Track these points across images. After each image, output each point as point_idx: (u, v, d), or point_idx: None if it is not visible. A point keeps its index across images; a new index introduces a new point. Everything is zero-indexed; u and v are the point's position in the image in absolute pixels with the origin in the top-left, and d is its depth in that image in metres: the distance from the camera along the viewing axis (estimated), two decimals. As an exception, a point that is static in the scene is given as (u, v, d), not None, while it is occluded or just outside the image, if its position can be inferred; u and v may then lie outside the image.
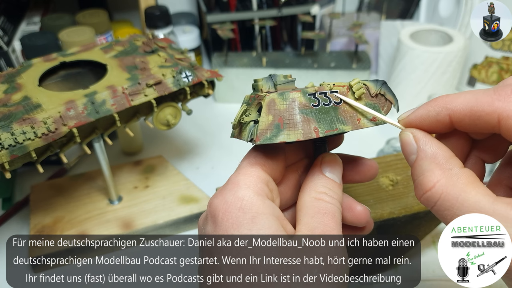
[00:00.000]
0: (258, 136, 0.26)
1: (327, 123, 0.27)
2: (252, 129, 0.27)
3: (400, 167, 0.52)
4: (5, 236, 0.60)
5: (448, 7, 0.86)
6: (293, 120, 0.26)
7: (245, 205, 0.26)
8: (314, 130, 0.26)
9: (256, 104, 0.28)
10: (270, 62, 0.80)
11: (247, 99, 0.29)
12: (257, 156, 0.28)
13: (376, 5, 0.98)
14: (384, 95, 0.29)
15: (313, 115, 0.27)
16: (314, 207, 0.27)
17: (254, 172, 0.27)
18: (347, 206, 0.30)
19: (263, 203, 0.26)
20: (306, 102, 0.27)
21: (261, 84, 0.29)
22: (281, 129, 0.26)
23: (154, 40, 0.58)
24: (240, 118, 0.28)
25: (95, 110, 0.47)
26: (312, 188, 0.28)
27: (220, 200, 0.26)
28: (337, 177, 0.29)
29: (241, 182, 0.27)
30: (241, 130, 0.29)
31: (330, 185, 0.29)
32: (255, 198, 0.26)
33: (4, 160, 0.43)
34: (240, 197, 0.26)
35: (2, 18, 0.72)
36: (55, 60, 0.54)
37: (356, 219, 0.30)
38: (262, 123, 0.27)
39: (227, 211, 0.26)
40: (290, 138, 0.26)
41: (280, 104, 0.27)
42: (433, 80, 0.73)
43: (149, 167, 0.67)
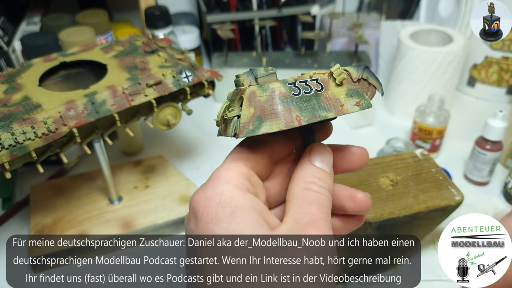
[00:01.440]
0: (241, 129, 0.26)
1: (309, 111, 0.26)
2: (236, 123, 0.27)
3: (400, 167, 0.52)
4: (5, 236, 0.60)
5: (448, 7, 0.86)
6: (275, 110, 0.26)
7: (224, 200, 0.25)
8: (296, 119, 0.26)
9: (238, 99, 0.28)
10: (270, 62, 0.80)
11: (230, 96, 0.29)
12: (241, 151, 0.28)
13: (376, 5, 0.98)
14: (366, 79, 0.28)
15: (294, 104, 0.27)
16: (301, 197, 0.27)
17: (235, 167, 0.27)
18: (348, 196, 0.30)
19: (243, 197, 0.26)
20: (286, 91, 0.27)
21: (242, 79, 0.29)
22: (263, 121, 0.26)
23: (154, 40, 0.58)
24: (223, 114, 0.28)
25: (95, 110, 0.47)
26: (301, 178, 0.28)
27: (200, 196, 0.26)
28: (327, 166, 0.29)
29: (222, 178, 0.26)
30: (226, 127, 0.28)
31: (319, 175, 0.28)
32: (235, 192, 0.26)
33: (4, 160, 0.43)
34: (219, 192, 0.26)
35: (2, 18, 0.72)
36: (55, 60, 0.54)
37: (359, 207, 0.30)
38: (243, 116, 0.26)
39: (207, 206, 0.26)
40: (272, 128, 0.26)
41: (260, 96, 0.27)
42: (433, 80, 0.73)
43: (149, 167, 0.67)
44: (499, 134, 0.61)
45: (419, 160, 0.53)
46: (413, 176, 0.51)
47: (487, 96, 0.84)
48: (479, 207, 0.62)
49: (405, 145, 0.64)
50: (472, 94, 0.85)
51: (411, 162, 0.53)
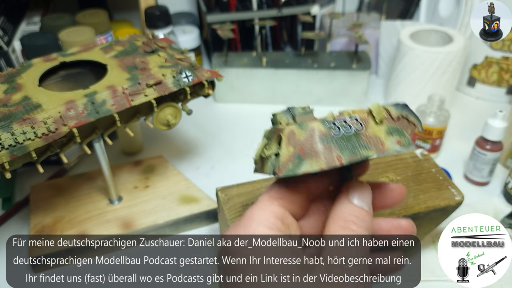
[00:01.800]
0: (280, 168, 0.26)
1: (350, 150, 0.26)
2: (274, 162, 0.27)
3: (400, 167, 0.52)
4: (5, 236, 0.60)
5: (448, 7, 0.86)
6: (315, 149, 0.26)
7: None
8: (337, 158, 0.26)
9: (276, 137, 0.28)
10: (270, 62, 0.80)
11: (267, 133, 0.29)
12: (276, 190, 0.28)
13: (376, 5, 0.98)
14: (406, 117, 0.28)
15: (334, 143, 0.26)
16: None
17: (269, 207, 0.27)
18: (395, 226, 0.30)
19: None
20: (326, 130, 0.27)
21: (279, 117, 0.29)
22: (303, 159, 0.26)
23: (154, 40, 0.58)
24: (261, 152, 0.28)
25: (95, 110, 0.47)
26: (339, 217, 0.28)
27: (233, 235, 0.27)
28: (366, 205, 0.28)
29: (255, 217, 0.27)
30: (263, 164, 0.28)
31: (358, 213, 0.28)
32: (267, 233, 0.26)
33: (4, 160, 0.43)
34: (251, 232, 0.26)
35: (2, 18, 0.72)
36: (55, 60, 0.54)
37: (406, 233, 0.30)
38: (283, 155, 0.26)
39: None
40: (313, 167, 0.26)
41: (299, 135, 0.26)
42: (433, 80, 0.73)
43: (149, 167, 0.67)
44: (499, 134, 0.61)
45: (419, 160, 0.53)
46: (413, 176, 0.51)
47: (487, 96, 0.84)
48: (479, 207, 0.62)
49: (405, 145, 0.64)
50: (472, 94, 0.85)
51: (411, 162, 0.53)
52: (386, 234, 0.30)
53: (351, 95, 0.81)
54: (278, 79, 0.80)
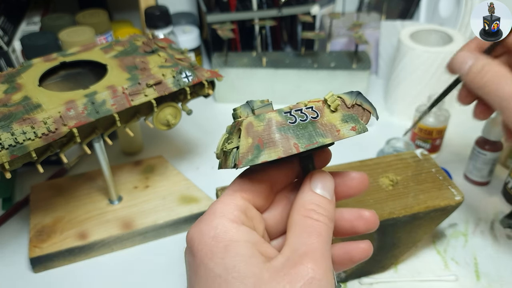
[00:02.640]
0: (240, 159, 0.27)
1: (307, 138, 0.27)
2: (235, 155, 0.28)
3: (400, 167, 0.52)
4: (5, 236, 0.60)
5: (448, 7, 0.86)
6: (272, 139, 0.27)
7: (218, 234, 0.26)
8: (294, 146, 0.26)
9: (237, 130, 0.28)
10: (270, 62, 0.80)
11: (228, 129, 0.30)
12: (239, 183, 0.28)
13: (376, 5, 0.98)
14: (361, 105, 0.29)
15: (291, 132, 0.27)
16: (300, 226, 0.27)
17: (231, 200, 0.27)
18: (357, 216, 0.30)
19: (237, 230, 0.26)
20: (282, 120, 0.27)
21: (239, 112, 0.29)
22: (262, 149, 0.26)
23: (154, 40, 0.58)
24: (223, 146, 0.29)
25: (95, 110, 0.47)
26: (301, 206, 0.28)
27: (195, 230, 0.26)
28: (328, 193, 0.29)
29: (217, 211, 0.27)
30: (226, 159, 0.29)
31: (319, 202, 0.28)
32: (229, 226, 0.26)
33: (4, 160, 0.43)
34: (214, 226, 0.26)
35: (2, 18, 0.72)
36: (55, 60, 0.54)
37: (369, 225, 0.30)
38: (242, 146, 0.27)
39: (201, 240, 0.26)
40: (271, 156, 0.26)
41: (257, 126, 0.27)
42: (433, 80, 0.73)
43: (149, 167, 0.67)
44: (499, 134, 0.61)
45: (419, 160, 0.53)
46: (413, 176, 0.51)
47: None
48: (479, 207, 0.62)
49: (405, 145, 0.64)
50: (472, 94, 0.85)
51: (411, 162, 0.53)
52: (350, 224, 0.30)
53: (351, 95, 0.80)
54: (278, 79, 0.80)
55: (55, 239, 0.55)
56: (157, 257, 0.57)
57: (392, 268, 0.54)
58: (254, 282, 0.24)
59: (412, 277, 0.53)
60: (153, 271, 0.55)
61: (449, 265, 0.54)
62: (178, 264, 0.56)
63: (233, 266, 0.24)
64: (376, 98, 0.85)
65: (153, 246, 0.58)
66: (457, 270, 0.53)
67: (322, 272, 0.25)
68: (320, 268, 0.25)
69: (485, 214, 0.61)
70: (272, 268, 0.25)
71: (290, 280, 0.24)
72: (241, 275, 0.24)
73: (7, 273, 0.55)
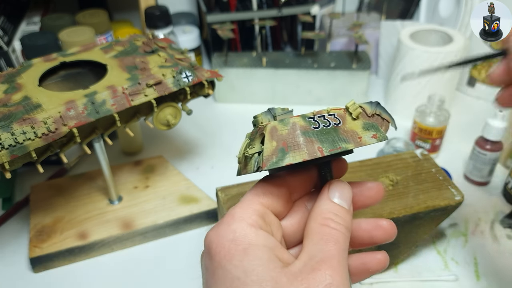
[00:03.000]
0: (264, 162, 0.27)
1: (330, 143, 0.27)
2: (258, 158, 0.28)
3: (400, 167, 0.52)
4: (5, 236, 0.60)
5: (448, 7, 0.86)
6: (297, 142, 0.27)
7: (237, 237, 0.26)
8: (319, 150, 0.27)
9: (259, 136, 0.29)
10: (270, 62, 0.80)
11: (249, 135, 0.30)
12: (258, 190, 0.29)
13: (376, 5, 0.98)
14: (380, 115, 0.30)
15: (315, 136, 0.27)
16: (318, 234, 0.27)
17: (249, 205, 0.27)
18: (375, 226, 0.30)
19: (256, 234, 0.26)
20: (306, 125, 0.28)
21: (260, 118, 0.30)
22: (286, 152, 0.27)
23: (154, 40, 0.58)
24: (245, 151, 0.29)
25: (95, 110, 0.47)
26: (318, 214, 0.28)
27: (214, 233, 0.27)
28: (345, 203, 0.29)
29: (236, 215, 0.27)
30: (246, 164, 0.29)
31: (337, 211, 0.28)
32: (248, 230, 0.26)
33: (4, 160, 0.43)
34: (233, 229, 0.26)
35: (2, 18, 0.72)
36: (55, 60, 0.54)
37: (387, 235, 0.30)
38: (266, 149, 0.27)
39: (220, 243, 0.26)
40: (296, 159, 0.27)
41: (282, 130, 0.27)
42: (433, 80, 0.73)
43: (149, 167, 0.67)
44: (499, 134, 0.61)
45: (419, 160, 0.53)
46: (413, 176, 0.51)
47: (487, 96, 0.84)
48: (479, 207, 0.62)
49: (405, 145, 0.64)
50: (472, 94, 0.85)
51: (411, 162, 0.53)
52: (368, 235, 0.30)
53: (351, 95, 0.80)
54: (278, 79, 0.80)
55: (55, 239, 0.55)
56: (157, 257, 0.57)
57: (392, 268, 0.54)
58: (272, 286, 0.24)
59: (412, 277, 0.53)
60: (153, 271, 0.55)
61: (449, 265, 0.54)
62: (178, 264, 0.56)
63: (252, 269, 0.25)
64: (376, 98, 0.85)
65: (153, 246, 0.58)
66: (457, 270, 0.53)
67: (340, 279, 0.25)
68: (337, 275, 0.25)
69: (485, 214, 0.61)
70: (289, 273, 0.25)
71: (308, 285, 0.24)
72: (259, 278, 0.24)
73: (7, 273, 0.55)
